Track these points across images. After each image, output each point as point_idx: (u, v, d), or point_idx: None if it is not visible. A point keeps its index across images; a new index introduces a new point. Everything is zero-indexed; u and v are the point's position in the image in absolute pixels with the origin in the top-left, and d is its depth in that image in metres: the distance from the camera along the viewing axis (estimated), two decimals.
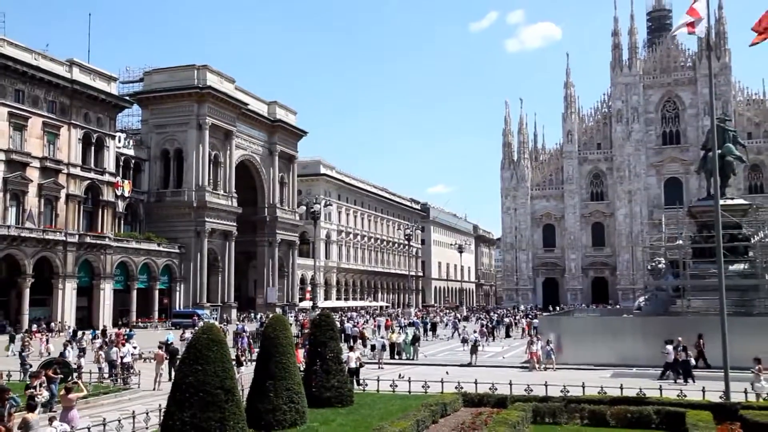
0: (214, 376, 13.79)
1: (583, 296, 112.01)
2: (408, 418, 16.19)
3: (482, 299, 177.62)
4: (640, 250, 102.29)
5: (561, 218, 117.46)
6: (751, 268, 38.74)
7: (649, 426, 17.08)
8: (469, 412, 18.85)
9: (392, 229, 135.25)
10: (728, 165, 41.33)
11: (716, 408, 17.38)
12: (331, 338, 21.13)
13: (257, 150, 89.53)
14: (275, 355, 17.46)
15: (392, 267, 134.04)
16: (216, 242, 79.54)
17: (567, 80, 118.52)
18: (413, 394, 22.34)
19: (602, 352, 33.43)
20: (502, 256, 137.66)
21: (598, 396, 19.19)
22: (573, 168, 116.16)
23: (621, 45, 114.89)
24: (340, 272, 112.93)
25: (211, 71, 79.06)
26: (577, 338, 34.98)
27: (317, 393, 19.98)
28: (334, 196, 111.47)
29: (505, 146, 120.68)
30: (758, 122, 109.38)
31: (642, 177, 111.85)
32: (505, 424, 15.41)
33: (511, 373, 28.44)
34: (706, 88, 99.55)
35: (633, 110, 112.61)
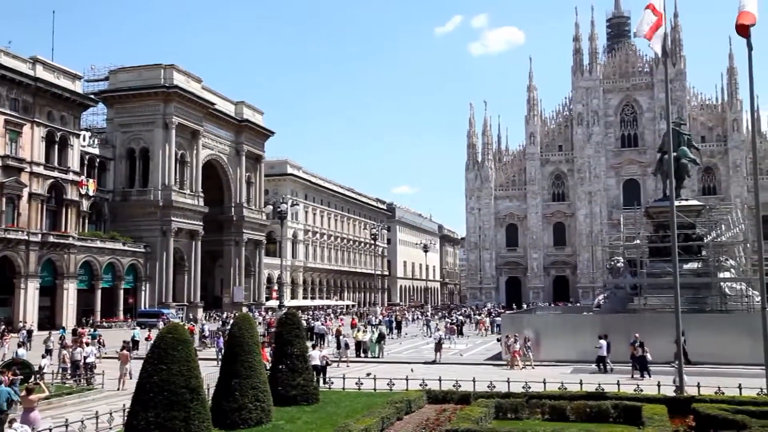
0: (179, 376, 13.86)
1: (545, 294, 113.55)
2: (373, 416, 16.44)
3: (447, 298, 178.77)
4: (599, 249, 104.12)
5: (524, 218, 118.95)
6: (704, 266, 39.95)
7: (607, 420, 17.50)
8: (434, 408, 19.10)
9: (358, 228, 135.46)
10: (683, 167, 42.51)
11: (671, 402, 17.94)
12: (296, 337, 21.30)
13: (224, 150, 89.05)
14: (241, 354, 17.56)
15: (358, 266, 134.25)
16: (182, 241, 78.95)
17: (530, 83, 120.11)
18: (378, 392, 22.64)
19: (563, 348, 34.18)
20: (466, 255, 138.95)
21: (559, 392, 19.61)
22: (535, 169, 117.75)
23: (582, 50, 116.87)
24: (307, 271, 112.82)
25: (178, 71, 78.42)
26: (539, 336, 35.64)
27: (283, 391, 20.13)
28: (301, 195, 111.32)
29: (470, 147, 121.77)
30: (711, 126, 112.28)
31: (602, 178, 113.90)
32: (468, 419, 15.75)
33: (475, 370, 28.95)
34: (663, 93, 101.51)
35: (593, 113, 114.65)
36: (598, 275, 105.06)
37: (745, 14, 19.55)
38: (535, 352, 33.77)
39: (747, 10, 19.45)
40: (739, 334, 31.48)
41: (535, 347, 34.11)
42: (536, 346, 34.23)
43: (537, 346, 34.32)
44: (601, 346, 30.99)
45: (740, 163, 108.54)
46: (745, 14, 19.55)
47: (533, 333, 35.03)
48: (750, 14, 19.45)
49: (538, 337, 35.25)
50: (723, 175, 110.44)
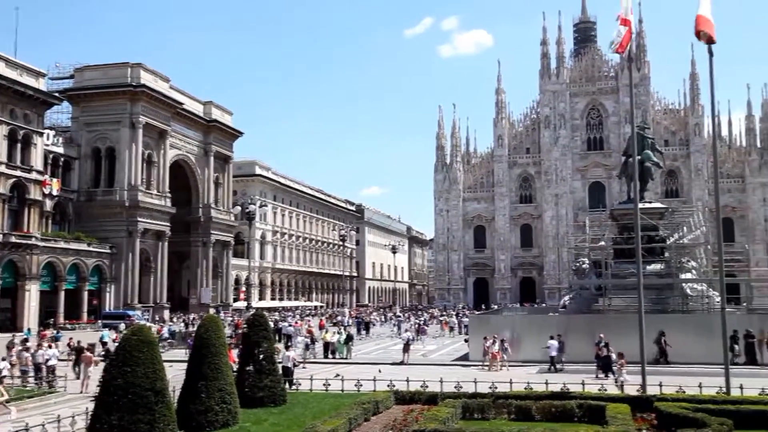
0: (144, 378, 13.73)
1: (512, 295, 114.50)
2: (340, 417, 16.45)
3: (415, 299, 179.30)
4: (565, 250, 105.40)
5: (491, 220, 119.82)
6: (666, 268, 40.75)
7: (572, 419, 17.71)
8: (401, 409, 19.15)
9: (327, 229, 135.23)
10: (647, 170, 43.34)
11: (634, 401, 18.25)
12: (264, 338, 21.21)
13: (192, 150, 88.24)
14: (208, 355, 17.43)
15: (327, 267, 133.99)
16: (149, 242, 78.02)
17: (498, 86, 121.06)
18: (346, 393, 22.64)
19: (529, 349, 34.56)
20: (434, 256, 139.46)
21: (525, 392, 19.81)
22: (503, 171, 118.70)
23: (549, 54, 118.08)
24: (275, 272, 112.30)
25: (146, 70, 77.50)
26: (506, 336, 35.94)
27: (250, 393, 20.05)
28: (270, 196, 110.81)
29: (439, 149, 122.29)
30: (674, 131, 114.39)
31: (568, 181, 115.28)
32: (435, 420, 15.84)
33: (443, 370, 29.10)
34: (627, 97, 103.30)
35: (560, 117, 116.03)
36: (564, 276, 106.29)
37: (703, 20, 20.04)
38: (508, 353, 33.89)
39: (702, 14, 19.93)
40: (699, 334, 32.18)
41: (512, 348, 34.30)
42: (513, 347, 34.39)
43: (513, 347, 34.51)
44: (551, 346, 31.80)
45: (702, 167, 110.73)
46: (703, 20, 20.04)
47: (510, 334, 35.14)
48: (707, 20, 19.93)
49: (515, 338, 35.58)
50: (685, 179, 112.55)
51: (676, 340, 32.48)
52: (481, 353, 34.92)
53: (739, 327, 32.76)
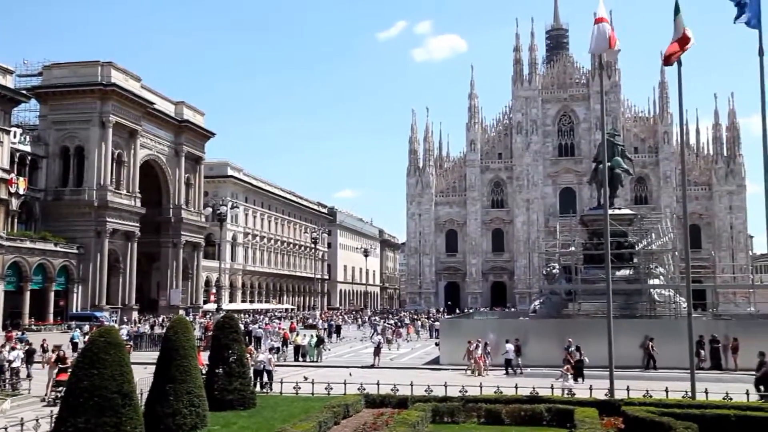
0: (111, 380, 13.55)
1: (483, 299, 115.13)
2: (310, 420, 16.40)
3: (386, 302, 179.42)
4: (536, 255, 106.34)
5: (463, 224, 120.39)
6: (635, 273, 41.30)
7: (540, 423, 17.87)
8: (371, 412, 19.16)
9: (299, 232, 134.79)
10: (617, 177, 43.88)
11: (601, 404, 18.48)
12: (234, 340, 21.09)
13: (163, 150, 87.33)
14: (176, 358, 17.27)
15: (298, 270, 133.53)
16: (117, 243, 77.02)
17: (471, 91, 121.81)
18: (316, 396, 22.56)
19: (500, 353, 34.71)
20: (406, 260, 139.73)
21: (495, 395, 19.94)
22: (475, 176, 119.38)
23: (522, 60, 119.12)
24: (246, 274, 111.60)
25: (116, 68, 76.53)
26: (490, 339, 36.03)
27: (219, 396, 19.92)
28: (242, 198, 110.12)
29: (411, 153, 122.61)
30: (644, 138, 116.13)
31: (539, 186, 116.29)
32: (405, 424, 15.87)
33: (414, 374, 29.12)
34: (598, 104, 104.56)
35: (532, 123, 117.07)
36: (535, 281, 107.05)
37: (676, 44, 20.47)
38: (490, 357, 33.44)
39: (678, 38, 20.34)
40: (666, 339, 32.59)
41: (493, 352, 34.01)
42: (494, 351, 34.01)
43: (495, 351, 34.22)
44: (507, 350, 32.12)
45: (670, 174, 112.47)
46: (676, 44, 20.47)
47: (494, 337, 34.62)
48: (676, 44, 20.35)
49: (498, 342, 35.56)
50: (654, 186, 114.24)
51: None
52: (452, 357, 35.02)
53: (705, 332, 33.31)
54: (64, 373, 23.31)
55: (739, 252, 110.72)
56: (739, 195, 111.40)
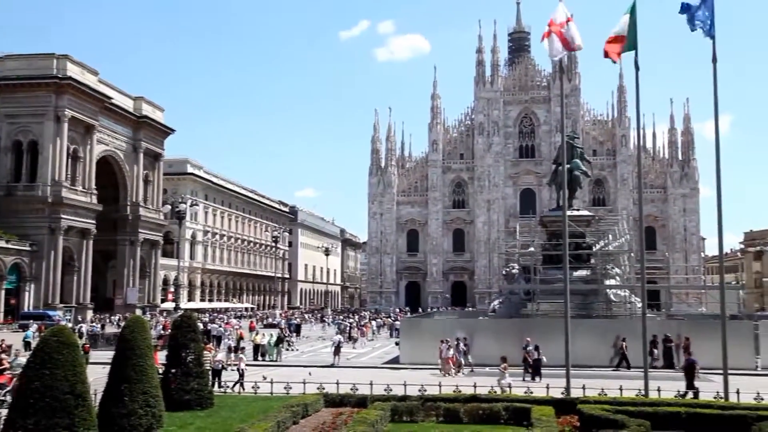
0: (63, 381, 13.31)
1: (443, 299, 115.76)
2: (269, 420, 16.30)
3: (347, 301, 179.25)
4: (496, 256, 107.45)
5: (425, 224, 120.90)
6: (592, 274, 41.98)
7: (498, 421, 18.03)
8: (330, 412, 19.14)
9: (260, 230, 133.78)
10: (576, 179, 44.56)
11: (558, 403, 18.72)
12: (192, 340, 20.83)
13: (121, 146, 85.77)
14: (132, 357, 16.98)
15: (259, 269, 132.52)
16: (72, 240, 75.44)
17: (434, 92, 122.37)
18: (275, 396, 22.42)
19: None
20: (367, 259, 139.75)
21: (453, 394, 20.05)
22: (437, 176, 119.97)
23: (484, 62, 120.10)
24: (205, 273, 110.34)
25: (73, 61, 74.91)
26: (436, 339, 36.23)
27: (176, 396, 19.66)
28: (201, 196, 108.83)
29: (374, 153, 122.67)
30: (602, 141, 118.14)
31: (500, 187, 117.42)
32: (364, 423, 15.87)
33: (373, 373, 29.12)
34: (559, 107, 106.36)
35: (494, 124, 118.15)
36: (495, 281, 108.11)
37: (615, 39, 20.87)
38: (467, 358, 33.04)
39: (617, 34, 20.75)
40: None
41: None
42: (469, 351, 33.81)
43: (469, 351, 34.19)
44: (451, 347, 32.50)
45: (627, 177, 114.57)
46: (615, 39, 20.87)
47: (469, 337, 34.42)
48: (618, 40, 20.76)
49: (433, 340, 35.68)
50: (612, 188, 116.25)
51: (600, 344, 33.49)
52: (412, 356, 35.14)
53: (658, 332, 34.04)
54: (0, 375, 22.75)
55: (692, 253, 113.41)
56: (692, 198, 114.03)
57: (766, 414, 16.23)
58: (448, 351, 32.18)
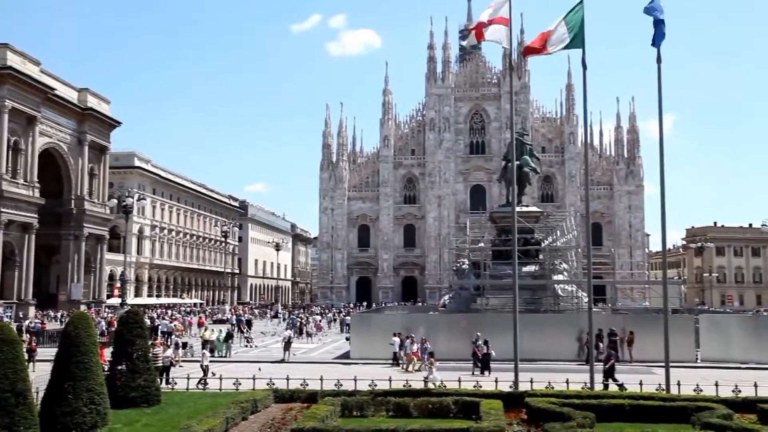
0: (3, 379, 12.96)
1: (394, 294, 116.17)
2: (217, 416, 16.14)
3: (298, 297, 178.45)
4: (446, 251, 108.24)
5: (376, 219, 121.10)
6: (540, 269, 42.71)
7: (447, 415, 18.16)
8: (280, 407, 19.08)
9: (209, 225, 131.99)
10: (525, 175, 45.22)
11: (506, 397, 19.01)
12: (138, 336, 20.49)
13: (65, 138, 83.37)
14: (76, 354, 16.62)
15: (208, 264, 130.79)
16: (13, 234, 73.05)
17: (385, 87, 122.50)
18: (224, 392, 22.22)
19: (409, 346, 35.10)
20: (318, 254, 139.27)
21: (403, 389, 20.16)
22: (388, 172, 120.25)
23: (436, 58, 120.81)
24: (153, 268, 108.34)
25: (13, 51, 72.36)
26: (387, 334, 36.40)
27: (122, 393, 19.35)
28: (149, 190, 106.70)
29: (325, 148, 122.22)
30: (551, 138, 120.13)
31: (451, 183, 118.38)
32: (314, 418, 15.83)
33: (324, 368, 29.08)
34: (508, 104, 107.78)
35: (445, 120, 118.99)
36: (445, 276, 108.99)
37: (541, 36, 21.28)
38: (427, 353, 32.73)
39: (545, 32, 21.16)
40: (569, 333, 33.91)
41: None
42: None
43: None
44: (394, 343, 32.79)
45: (575, 174, 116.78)
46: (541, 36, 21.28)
47: (425, 332, 34.18)
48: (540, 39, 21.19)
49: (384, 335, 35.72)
50: (560, 184, 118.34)
51: (548, 338, 34.08)
52: (362, 351, 35.20)
53: (604, 326, 34.81)
54: None
55: (637, 249, 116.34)
56: (637, 195, 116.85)
57: (705, 405, 16.78)
58: (412, 346, 32.11)
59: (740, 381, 22.95)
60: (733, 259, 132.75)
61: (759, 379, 24.30)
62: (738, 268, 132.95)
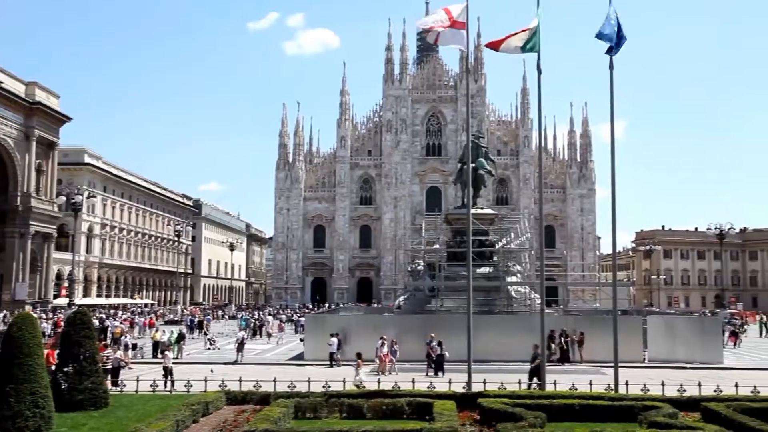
0: None
1: (349, 295, 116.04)
2: (167, 419, 15.84)
3: (252, 297, 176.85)
4: (402, 252, 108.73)
5: (332, 220, 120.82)
6: (494, 271, 43.13)
7: (401, 416, 18.16)
8: (233, 410, 18.84)
9: (162, 224, 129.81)
10: (480, 178, 45.60)
11: (459, 398, 19.11)
12: (86, 337, 19.99)
13: (11, 133, 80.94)
14: (20, 356, 16.14)
15: (160, 263, 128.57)
16: None
17: (343, 88, 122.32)
18: (175, 394, 21.86)
19: (364, 348, 35.07)
20: (273, 255, 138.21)
21: (357, 390, 20.13)
22: (345, 172, 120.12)
23: (393, 60, 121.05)
24: (103, 268, 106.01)
25: None
26: (342, 335, 36.31)
27: (68, 396, 18.85)
28: (100, 187, 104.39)
29: (281, 147, 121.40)
30: (506, 141, 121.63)
31: (407, 184, 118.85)
32: (266, 420, 15.67)
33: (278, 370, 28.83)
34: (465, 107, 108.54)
35: (401, 122, 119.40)
36: (401, 277, 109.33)
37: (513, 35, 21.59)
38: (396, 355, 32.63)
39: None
40: (522, 334, 34.23)
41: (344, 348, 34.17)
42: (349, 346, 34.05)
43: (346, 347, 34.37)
44: (332, 344, 32.92)
45: (529, 177, 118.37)
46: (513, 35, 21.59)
47: (395, 334, 34.22)
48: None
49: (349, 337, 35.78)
50: (514, 187, 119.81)
51: (501, 339, 34.43)
52: (316, 352, 35.07)
53: (556, 327, 35.36)
54: None
55: (588, 252, 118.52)
56: (589, 198, 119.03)
57: (651, 404, 17.15)
58: (382, 348, 31.78)
59: (685, 380, 23.52)
60: (679, 262, 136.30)
61: (703, 378, 24.97)
62: (684, 270, 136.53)
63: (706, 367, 33.76)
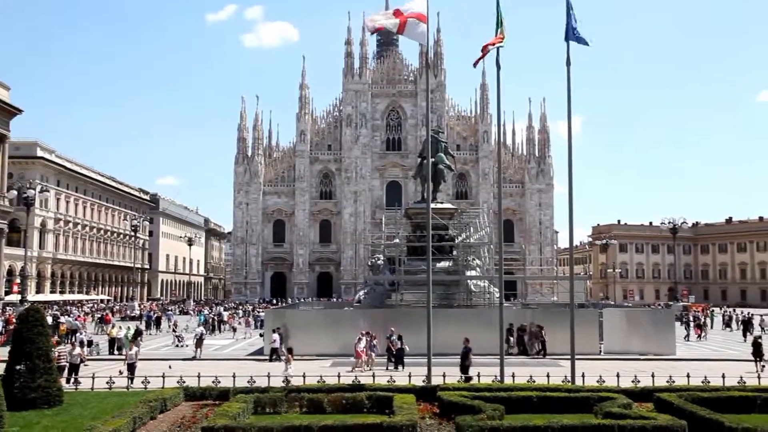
0: None
1: (309, 290, 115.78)
2: (123, 416, 15.62)
3: (211, 293, 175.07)
4: (362, 247, 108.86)
5: (291, 214, 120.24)
6: (454, 265, 43.44)
7: (361, 410, 18.20)
8: (191, 406, 18.67)
9: (118, 219, 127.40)
10: (440, 172, 45.82)
11: (419, 391, 19.24)
12: (39, 334, 19.55)
13: None
14: None
15: (117, 259, 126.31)
16: None
17: (302, 82, 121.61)
18: (132, 391, 21.57)
19: (324, 342, 35.08)
20: (232, 250, 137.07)
21: (317, 385, 20.11)
22: (305, 167, 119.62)
23: (353, 54, 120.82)
24: (57, 263, 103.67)
25: None
26: (302, 330, 36.22)
27: (20, 394, 18.43)
28: (53, 181, 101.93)
29: (240, 141, 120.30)
30: (465, 136, 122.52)
31: (367, 179, 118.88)
32: (225, 416, 15.54)
33: (237, 365, 28.62)
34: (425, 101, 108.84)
35: (361, 116, 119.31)
36: (361, 272, 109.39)
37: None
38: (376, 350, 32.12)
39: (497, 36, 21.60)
40: (481, 327, 34.58)
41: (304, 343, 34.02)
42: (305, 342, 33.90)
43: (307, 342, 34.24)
44: (274, 340, 33.05)
45: (488, 172, 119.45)
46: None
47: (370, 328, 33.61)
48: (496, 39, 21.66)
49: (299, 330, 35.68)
50: (474, 182, 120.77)
51: (461, 333, 34.61)
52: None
53: (514, 321, 35.80)
54: None
55: (546, 246, 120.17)
56: (547, 193, 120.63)
57: (607, 395, 17.53)
58: (359, 343, 31.32)
59: (640, 372, 24.09)
60: (634, 256, 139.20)
61: (656, 369, 25.60)
62: (639, 264, 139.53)
63: (659, 359, 34.62)
